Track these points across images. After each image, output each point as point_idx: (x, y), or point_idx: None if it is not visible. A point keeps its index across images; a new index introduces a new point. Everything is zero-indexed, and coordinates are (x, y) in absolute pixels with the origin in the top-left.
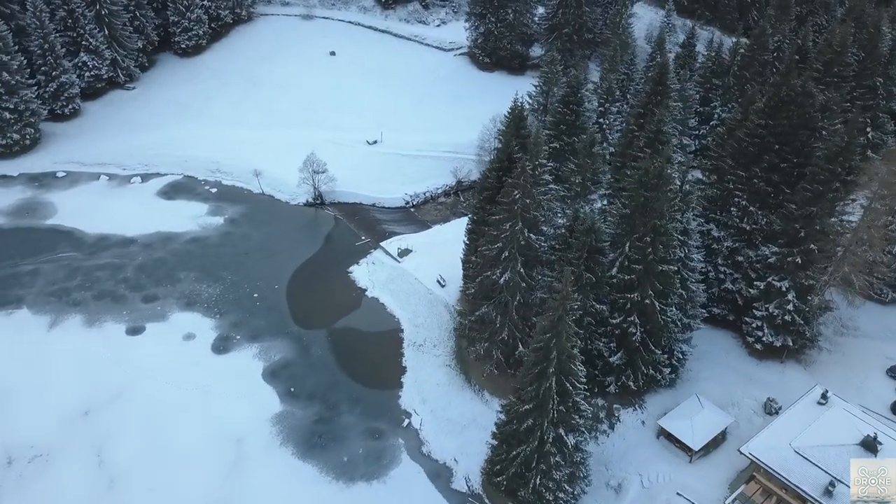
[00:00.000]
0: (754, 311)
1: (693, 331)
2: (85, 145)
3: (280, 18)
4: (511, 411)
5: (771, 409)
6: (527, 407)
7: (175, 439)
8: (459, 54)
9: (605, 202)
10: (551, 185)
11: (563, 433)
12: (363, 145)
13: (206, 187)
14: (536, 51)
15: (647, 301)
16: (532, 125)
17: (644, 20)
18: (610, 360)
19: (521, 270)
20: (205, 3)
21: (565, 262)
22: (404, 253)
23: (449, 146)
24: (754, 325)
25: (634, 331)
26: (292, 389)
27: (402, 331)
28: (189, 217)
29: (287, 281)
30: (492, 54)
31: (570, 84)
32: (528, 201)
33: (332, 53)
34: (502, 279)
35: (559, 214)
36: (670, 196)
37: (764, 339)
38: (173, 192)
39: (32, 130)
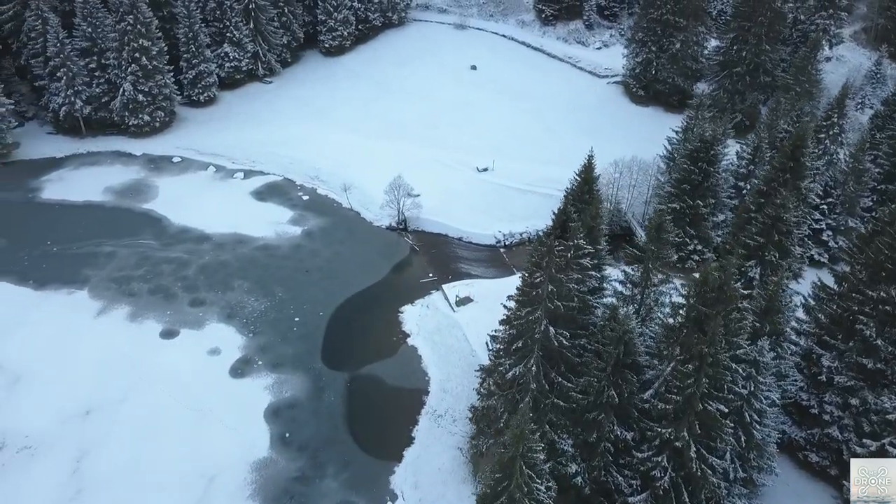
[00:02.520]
0: None
1: (760, 486)
2: (207, 134)
3: (432, 26)
4: None
5: None
6: None
7: (154, 461)
8: (613, 82)
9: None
10: (591, 273)
11: None
12: (471, 171)
13: (300, 193)
14: (701, 88)
15: (679, 444)
16: (603, 187)
17: (848, 65)
18: (629, 501)
19: (534, 368)
20: (354, 4)
21: (586, 371)
22: (462, 302)
23: (563, 184)
24: None
25: (661, 475)
26: (287, 435)
27: (427, 393)
28: (269, 222)
29: (334, 309)
30: (648, 87)
31: (703, 137)
32: (551, 289)
33: (474, 67)
34: (510, 373)
35: (597, 307)
36: (733, 318)
37: None
38: (267, 193)
39: (163, 114)
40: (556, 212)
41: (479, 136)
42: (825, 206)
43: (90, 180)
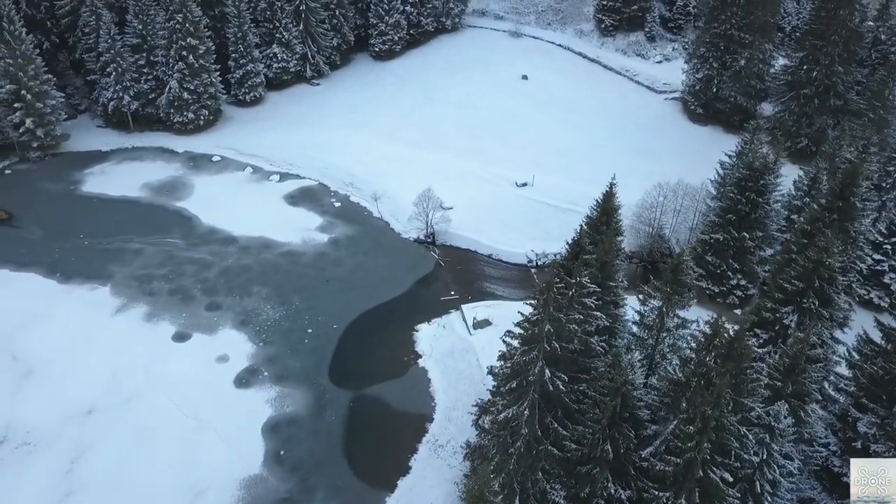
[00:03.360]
0: None
1: None
2: (250, 134)
3: (486, 33)
4: None
5: None
6: None
7: (145, 470)
8: (671, 99)
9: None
10: (595, 313)
11: None
12: (510, 185)
13: (332, 200)
14: (765, 109)
15: None
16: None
17: None
18: None
19: (527, 412)
20: (407, 8)
21: (583, 420)
22: (480, 324)
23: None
24: None
25: None
26: (282, 453)
27: (431, 420)
28: (297, 228)
29: (348, 322)
30: (707, 105)
31: (752, 165)
32: (549, 329)
33: (525, 77)
34: (503, 414)
35: (603, 351)
36: (745, 377)
37: None
38: (300, 197)
39: (207, 112)
40: (570, 242)
41: (522, 150)
42: (889, 246)
43: (130, 175)
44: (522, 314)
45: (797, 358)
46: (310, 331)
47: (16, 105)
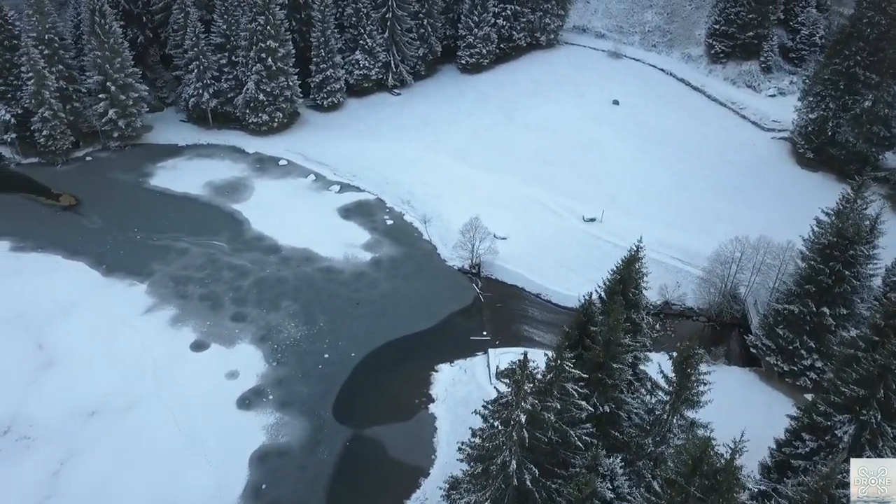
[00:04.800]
0: None
1: None
2: (321, 141)
3: (583, 51)
4: None
5: None
6: None
7: (126, 482)
8: (779, 138)
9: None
10: (578, 402)
11: None
12: (576, 219)
13: (386, 217)
14: (889, 159)
15: None
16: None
17: None
18: None
19: None
20: (499, 21)
21: None
22: (505, 374)
23: (680, 252)
24: None
25: None
26: (263, 486)
27: (426, 476)
28: (343, 243)
29: (368, 352)
30: (820, 149)
31: (841, 231)
32: (517, 415)
33: (616, 102)
34: (464, 500)
35: (584, 447)
36: None
37: None
38: (354, 212)
39: (281, 115)
40: (578, 308)
41: (596, 181)
42: None
43: (197, 172)
44: (498, 390)
45: (819, 497)
46: (326, 356)
47: (101, 96)
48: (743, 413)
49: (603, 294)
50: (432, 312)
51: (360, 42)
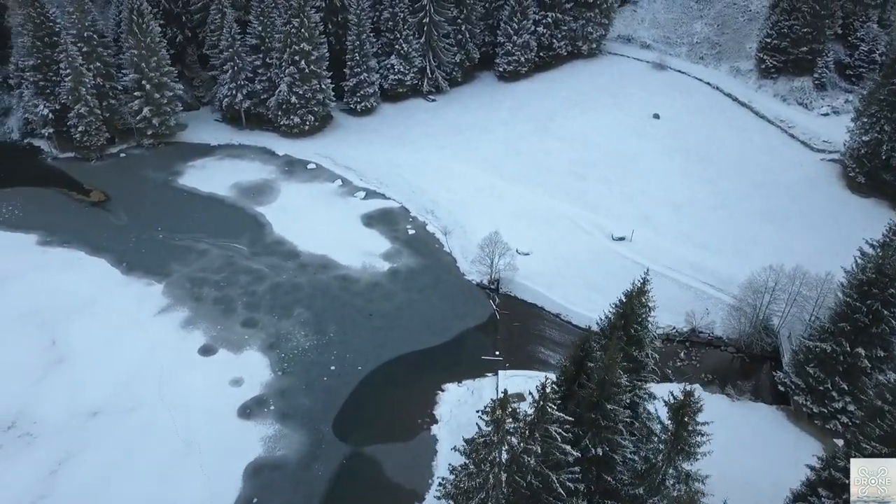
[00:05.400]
0: None
1: None
2: (351, 145)
3: (627, 62)
4: None
5: None
6: None
7: (119, 487)
8: (829, 160)
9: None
10: (563, 446)
11: None
12: (604, 237)
13: (408, 226)
14: None
15: None
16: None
17: None
18: None
19: None
20: (539, 29)
21: None
22: (512, 399)
23: (713, 276)
24: None
25: None
26: (255, 501)
27: (421, 500)
28: (362, 252)
29: (375, 366)
30: (872, 173)
31: (881, 268)
32: (493, 457)
33: (656, 116)
34: None
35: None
36: None
37: None
38: (377, 219)
39: (313, 118)
40: (576, 344)
41: (629, 198)
42: None
43: (226, 173)
44: (479, 427)
45: None
46: (332, 368)
47: (136, 93)
48: (766, 453)
49: (601, 327)
50: (445, 328)
51: (396, 47)
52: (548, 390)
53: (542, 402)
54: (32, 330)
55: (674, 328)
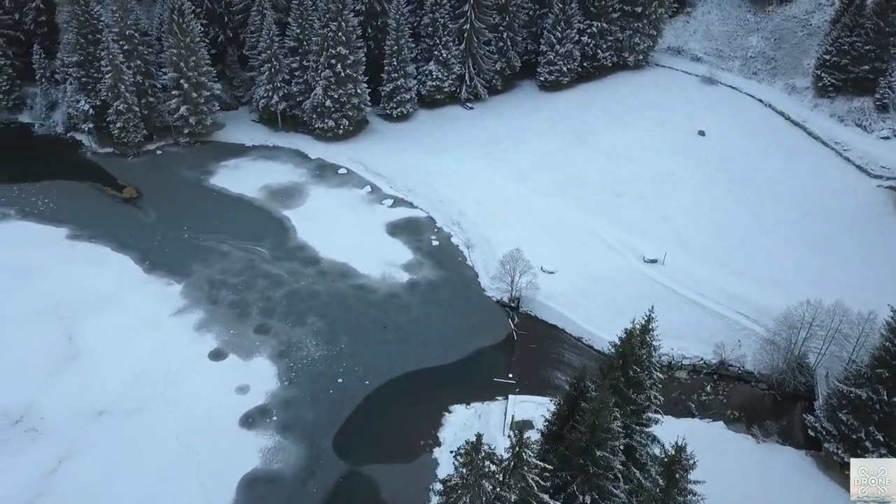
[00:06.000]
0: None
1: None
2: (383, 151)
3: (675, 75)
4: None
5: None
6: None
7: (116, 490)
8: (886, 186)
9: None
10: (541, 496)
11: None
12: (635, 258)
13: (432, 237)
14: None
15: None
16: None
17: None
18: None
19: None
20: (583, 38)
21: None
22: (521, 426)
23: (747, 306)
24: None
25: None
26: None
27: None
28: (383, 261)
29: (383, 381)
30: None
31: None
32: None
33: (701, 133)
34: None
35: None
36: None
37: None
38: (402, 228)
39: (347, 122)
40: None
41: (665, 219)
42: None
43: (257, 174)
44: (455, 465)
45: None
46: (340, 380)
47: (174, 92)
48: (788, 501)
49: (599, 365)
50: (459, 345)
51: (435, 53)
52: (524, 437)
53: (517, 449)
54: (51, 324)
55: (702, 359)
